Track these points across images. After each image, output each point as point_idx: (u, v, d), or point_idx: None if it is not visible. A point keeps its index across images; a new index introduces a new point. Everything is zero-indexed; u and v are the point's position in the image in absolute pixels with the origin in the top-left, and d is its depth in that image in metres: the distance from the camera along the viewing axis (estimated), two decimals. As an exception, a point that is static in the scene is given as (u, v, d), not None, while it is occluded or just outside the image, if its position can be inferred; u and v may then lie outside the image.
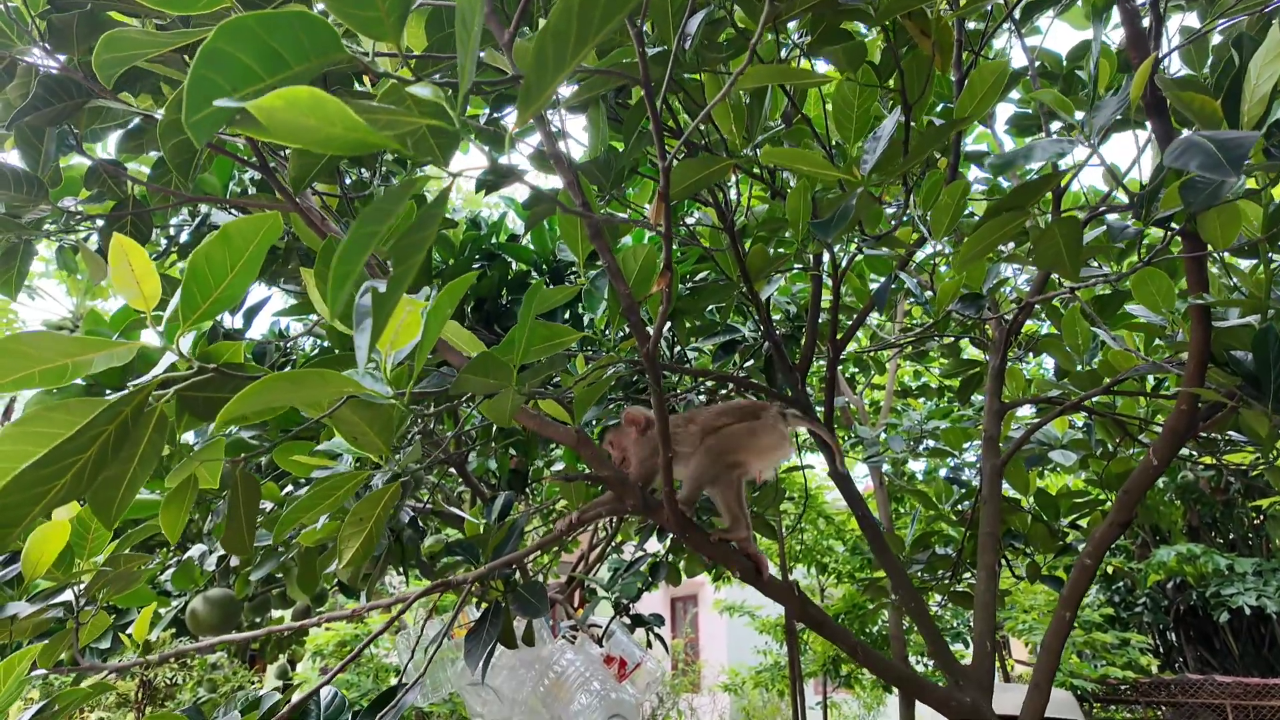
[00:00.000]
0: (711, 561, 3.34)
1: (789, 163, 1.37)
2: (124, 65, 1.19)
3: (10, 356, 0.94)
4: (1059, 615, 1.99)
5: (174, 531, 1.31)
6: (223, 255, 0.97)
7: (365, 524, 1.38)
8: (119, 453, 1.00)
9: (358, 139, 0.77)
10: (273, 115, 0.72)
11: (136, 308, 1.00)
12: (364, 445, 1.27)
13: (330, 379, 1.01)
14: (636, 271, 1.48)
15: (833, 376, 2.26)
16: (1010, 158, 1.28)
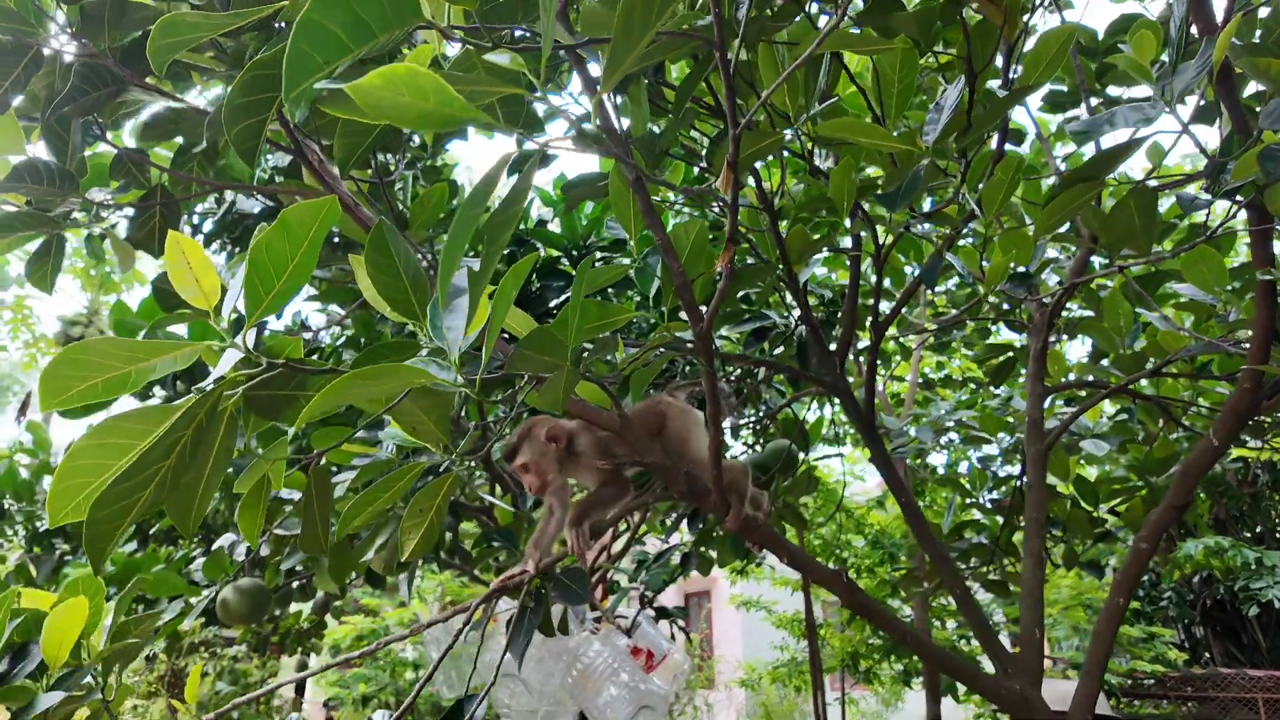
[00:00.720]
0: (759, 549, 3.31)
1: (849, 134, 1.32)
2: (178, 50, 1.16)
3: (75, 367, 0.91)
4: (1112, 601, 1.94)
5: (253, 535, 1.29)
6: (282, 245, 0.94)
7: (425, 515, 1.35)
8: (195, 458, 0.98)
9: (450, 113, 0.75)
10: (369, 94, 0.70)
11: (196, 305, 0.96)
12: (422, 435, 1.24)
13: (403, 372, 0.98)
14: (689, 248, 1.44)
15: (874, 361, 2.21)
16: (1091, 124, 1.23)
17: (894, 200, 1.29)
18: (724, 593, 13.35)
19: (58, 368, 0.89)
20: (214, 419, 0.97)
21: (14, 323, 12.16)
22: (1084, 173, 1.28)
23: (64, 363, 0.89)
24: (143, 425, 0.94)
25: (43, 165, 1.90)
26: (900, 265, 2.68)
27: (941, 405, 4.34)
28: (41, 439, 3.69)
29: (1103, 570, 3.14)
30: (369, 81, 0.74)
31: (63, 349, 0.90)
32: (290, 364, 1.02)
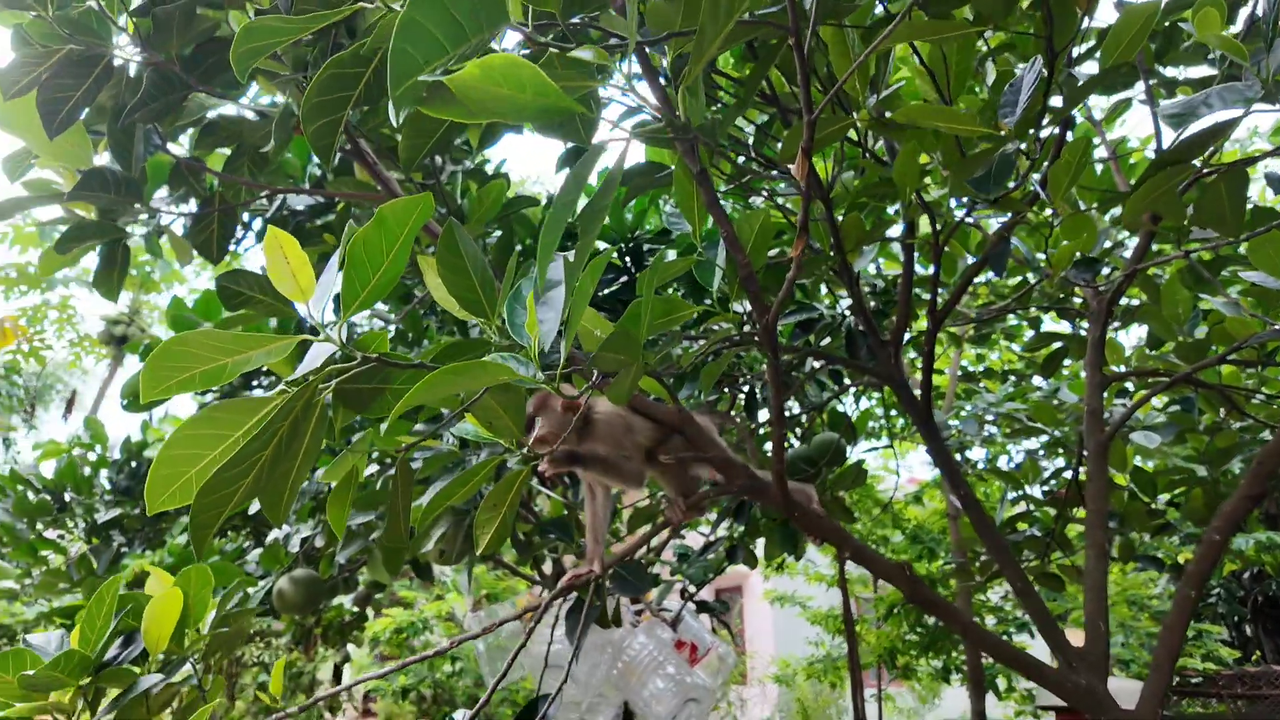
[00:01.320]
0: (787, 541, 3.29)
1: (924, 119, 1.30)
2: (261, 55, 1.18)
3: (174, 358, 0.93)
4: (1183, 593, 1.90)
5: (340, 525, 1.31)
6: (379, 239, 0.95)
7: (499, 510, 1.36)
8: (289, 448, 1.01)
9: (547, 104, 0.75)
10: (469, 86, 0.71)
11: (294, 299, 0.98)
12: (499, 430, 1.25)
13: (490, 369, 0.99)
14: (753, 239, 1.43)
15: (930, 350, 2.18)
16: (1187, 106, 1.19)
17: (986, 184, 1.26)
18: (755, 589, 13.29)
19: (160, 359, 0.91)
20: (308, 411, 0.99)
21: (59, 322, 12.48)
22: (1173, 156, 1.24)
23: (166, 354, 0.91)
24: (237, 416, 0.96)
25: (109, 173, 1.94)
26: (959, 254, 2.64)
27: (987, 397, 4.27)
28: (99, 434, 3.79)
29: (1162, 564, 3.07)
30: (469, 73, 0.75)
31: (164, 341, 0.92)
32: (383, 359, 1.03)
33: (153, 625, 1.39)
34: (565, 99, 0.76)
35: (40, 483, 3.60)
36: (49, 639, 1.51)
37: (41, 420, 16.62)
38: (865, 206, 2.08)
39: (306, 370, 0.97)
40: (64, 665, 1.31)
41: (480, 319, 1.17)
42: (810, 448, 3.06)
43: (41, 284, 11.91)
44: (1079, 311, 2.91)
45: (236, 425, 0.96)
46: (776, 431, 1.53)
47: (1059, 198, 1.64)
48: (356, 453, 1.28)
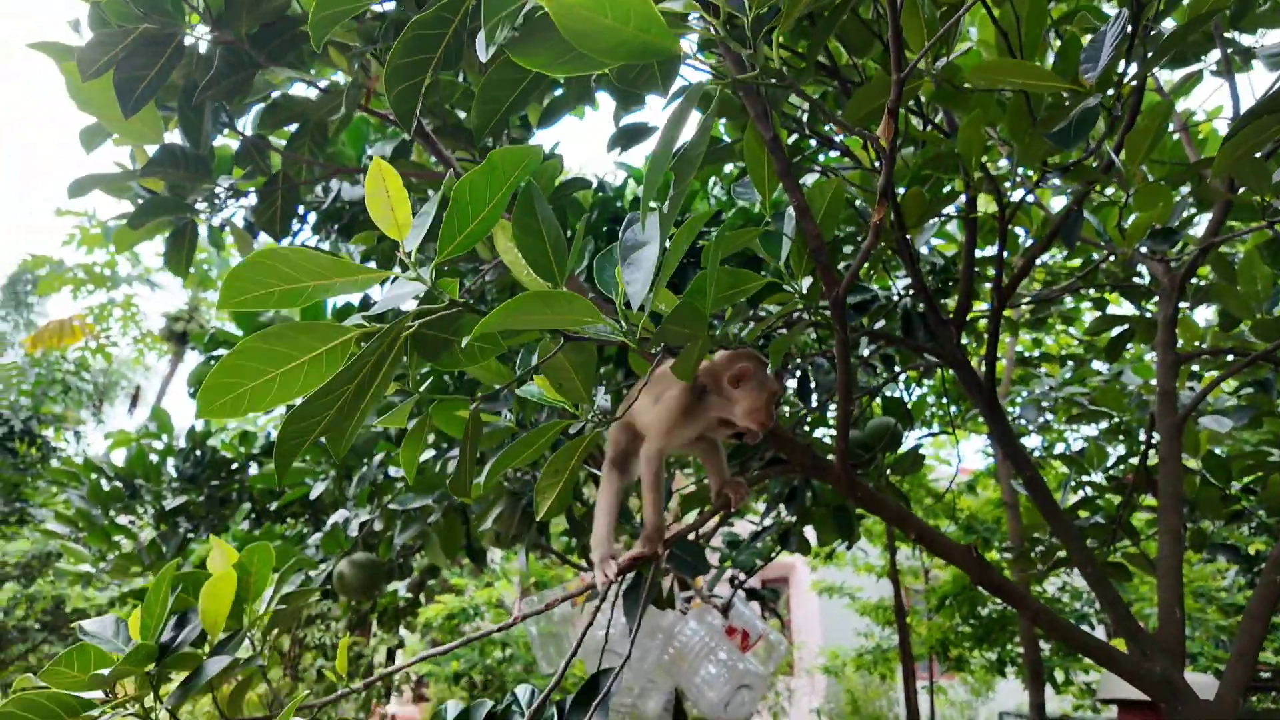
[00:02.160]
0: (843, 527, 3.24)
1: (1005, 77, 1.25)
2: (338, 21, 1.19)
3: (261, 271, 0.92)
4: (1268, 580, 1.82)
5: (411, 468, 1.32)
6: (485, 184, 0.94)
7: (561, 475, 1.36)
8: (370, 386, 1.00)
9: (648, 40, 0.73)
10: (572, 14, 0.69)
11: (390, 235, 0.97)
12: (567, 392, 1.24)
13: (578, 303, 0.97)
14: (823, 210, 1.40)
15: (994, 330, 2.12)
16: None
17: (1066, 136, 1.21)
18: (802, 579, 13.18)
19: (243, 270, 0.90)
20: (392, 350, 0.98)
21: (124, 320, 12.96)
22: (1269, 105, 1.17)
23: (251, 265, 0.90)
24: (309, 339, 0.95)
25: (179, 151, 1.99)
26: (1023, 224, 2.55)
27: (1047, 382, 4.15)
28: (166, 424, 3.93)
29: (1238, 552, 2.94)
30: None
31: (253, 253, 0.91)
32: (466, 305, 1.03)
33: (209, 605, 1.41)
34: (668, 36, 0.73)
35: (112, 471, 3.74)
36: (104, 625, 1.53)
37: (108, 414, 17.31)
38: (927, 180, 2.03)
39: (391, 307, 0.97)
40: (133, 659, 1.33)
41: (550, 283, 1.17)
42: (865, 433, 3.01)
43: (107, 283, 12.38)
44: (1145, 291, 2.79)
45: (308, 348, 0.94)
46: (842, 408, 1.50)
47: (1136, 165, 1.58)
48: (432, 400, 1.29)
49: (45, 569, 7.95)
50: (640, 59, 0.76)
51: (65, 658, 1.32)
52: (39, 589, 7.75)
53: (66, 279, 11.82)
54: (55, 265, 11.83)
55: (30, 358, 11.56)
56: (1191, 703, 1.85)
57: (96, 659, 1.34)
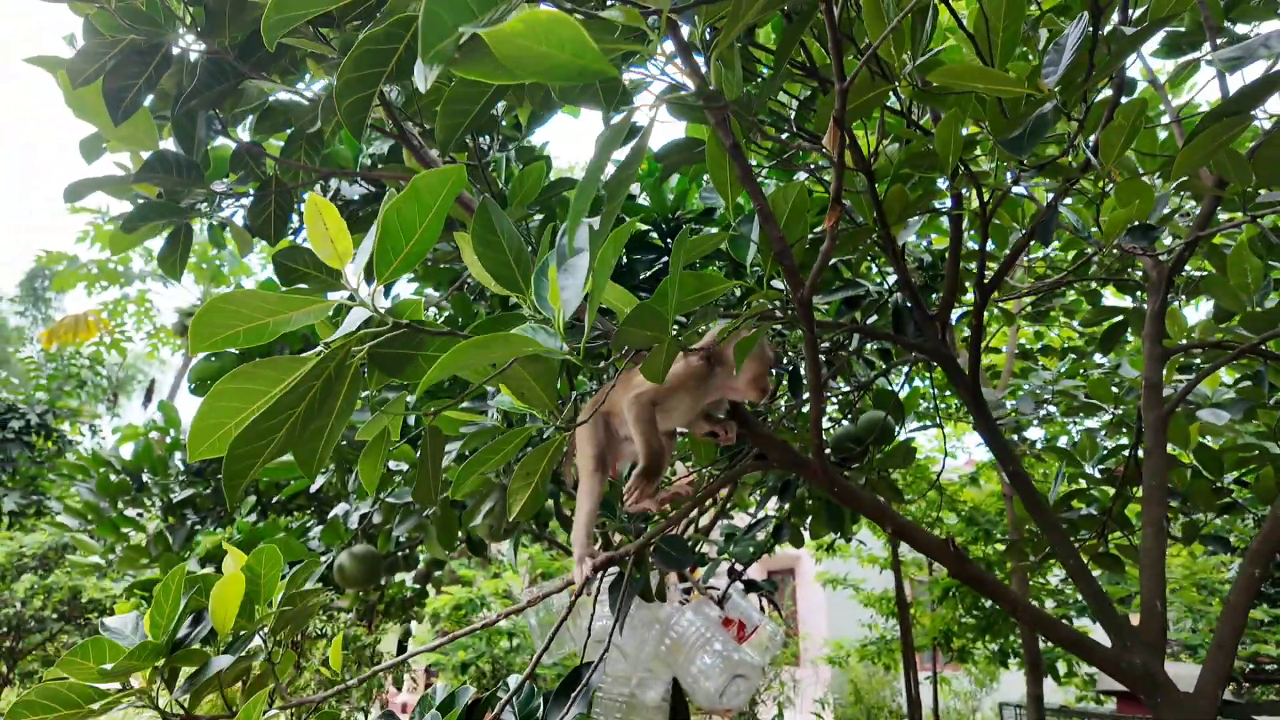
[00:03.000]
0: (834, 520, 3.27)
1: (964, 81, 1.27)
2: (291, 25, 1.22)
3: (219, 314, 0.98)
4: (1247, 573, 1.83)
5: (371, 482, 1.36)
6: (412, 210, 0.98)
7: (532, 478, 1.40)
8: (322, 407, 1.05)
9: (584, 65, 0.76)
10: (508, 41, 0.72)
11: (331, 264, 1.02)
12: (531, 401, 1.29)
13: (514, 340, 1.02)
14: (788, 213, 1.42)
15: (978, 325, 2.14)
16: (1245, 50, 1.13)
17: (1019, 144, 1.23)
18: (808, 570, 13.23)
19: (207, 315, 0.96)
20: (341, 372, 1.03)
21: (138, 315, 13.11)
22: (1228, 107, 1.19)
23: (212, 310, 0.96)
24: (276, 373, 1.00)
25: (172, 157, 2.04)
26: (1007, 224, 2.56)
27: (1042, 375, 4.15)
28: (172, 418, 4.00)
29: (1229, 545, 2.95)
30: (511, 27, 0.74)
31: (212, 299, 0.97)
32: (413, 325, 1.07)
33: (219, 606, 1.47)
34: (603, 61, 0.76)
35: (120, 464, 3.82)
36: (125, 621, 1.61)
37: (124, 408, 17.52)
38: (908, 178, 2.05)
39: (342, 334, 1.02)
40: (139, 654, 1.40)
41: (515, 293, 1.21)
42: (857, 426, 3.03)
43: (120, 279, 12.52)
44: (1138, 284, 2.80)
45: (275, 381, 1.00)
46: (814, 406, 1.53)
47: (1111, 163, 1.59)
48: (390, 414, 1.33)
49: (62, 560, 8.10)
50: (579, 81, 0.78)
51: (81, 650, 1.39)
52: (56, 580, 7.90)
53: (81, 275, 11.97)
54: (71, 261, 11.99)
55: (46, 353, 11.72)
56: (1172, 694, 1.87)
57: (111, 652, 1.40)
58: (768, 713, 10.55)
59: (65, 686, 1.36)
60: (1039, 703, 5.22)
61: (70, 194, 2.05)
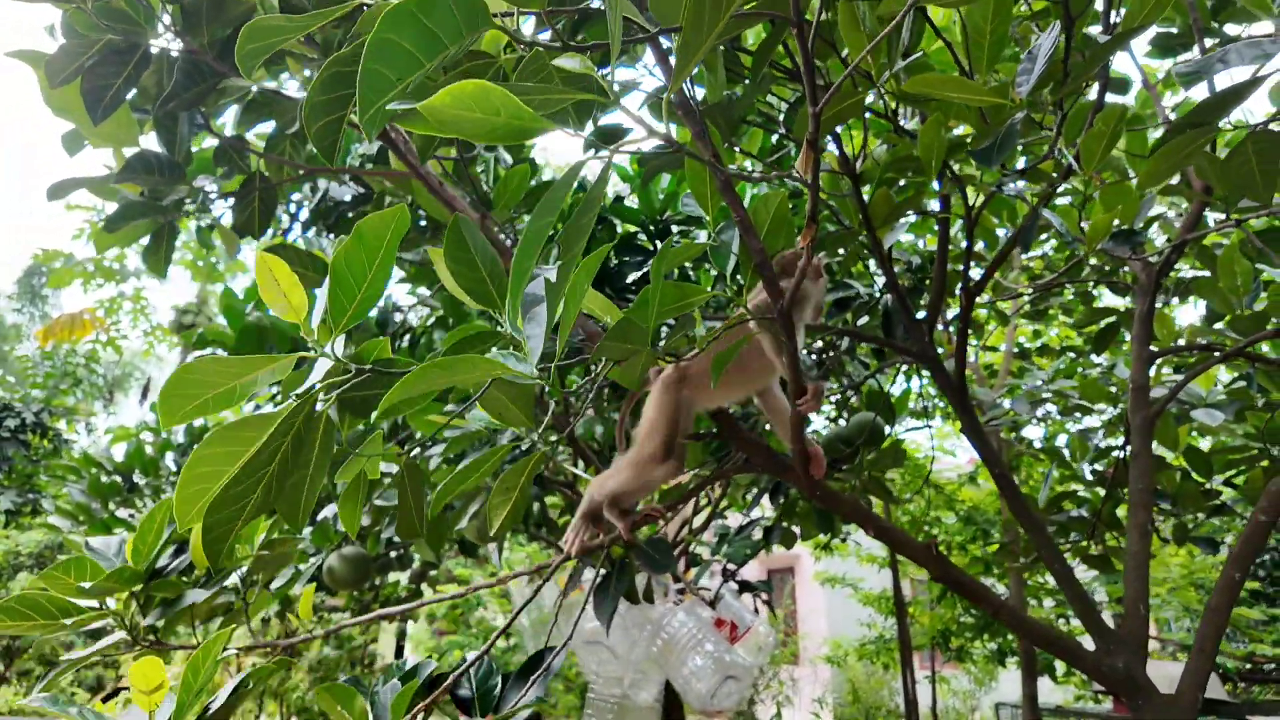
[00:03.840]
0: (825, 522, 3.27)
1: (937, 91, 1.27)
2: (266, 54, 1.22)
3: (186, 386, 0.99)
4: (1228, 575, 1.83)
5: (353, 525, 1.37)
6: (360, 255, 0.98)
7: (511, 492, 1.40)
8: (297, 459, 1.05)
9: (521, 125, 0.77)
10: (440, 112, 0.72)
11: (287, 319, 1.02)
12: (509, 420, 1.29)
13: (479, 363, 1.01)
14: (768, 224, 1.42)
15: (964, 328, 2.13)
16: (1203, 64, 1.13)
17: (989, 156, 1.23)
18: (808, 569, 13.23)
19: (172, 389, 0.97)
20: (311, 423, 1.03)
21: (134, 313, 13.10)
22: (1194, 118, 1.18)
23: (177, 383, 0.97)
24: (250, 432, 1.00)
25: (153, 157, 2.03)
26: (993, 227, 2.56)
27: (1038, 375, 4.14)
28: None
29: (1217, 546, 2.95)
30: (439, 100, 0.76)
31: (175, 371, 0.97)
32: (375, 368, 1.07)
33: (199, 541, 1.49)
34: (538, 120, 0.77)
35: (111, 465, 3.82)
36: (109, 544, 1.65)
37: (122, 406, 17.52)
38: (893, 182, 2.04)
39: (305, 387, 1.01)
40: (118, 578, 1.45)
41: (491, 309, 1.20)
42: (847, 428, 3.03)
43: (117, 276, 12.52)
44: (1128, 286, 2.80)
45: (251, 441, 1.00)
46: (794, 413, 1.52)
47: (1091, 168, 1.58)
48: (365, 455, 1.33)
49: (57, 559, 8.11)
50: (517, 139, 0.79)
51: (63, 566, 1.44)
52: (52, 579, 7.90)
53: (77, 272, 11.97)
54: (67, 259, 11.99)
55: (42, 351, 11.72)
56: (1152, 696, 1.87)
57: (92, 572, 1.45)
58: (766, 712, 10.56)
59: (45, 598, 1.39)
60: (1034, 703, 5.23)
61: (53, 193, 2.05)
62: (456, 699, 1.44)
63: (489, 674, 1.47)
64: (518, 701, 1.39)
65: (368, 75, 0.78)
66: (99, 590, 1.44)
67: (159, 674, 1.12)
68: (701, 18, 0.80)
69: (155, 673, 1.12)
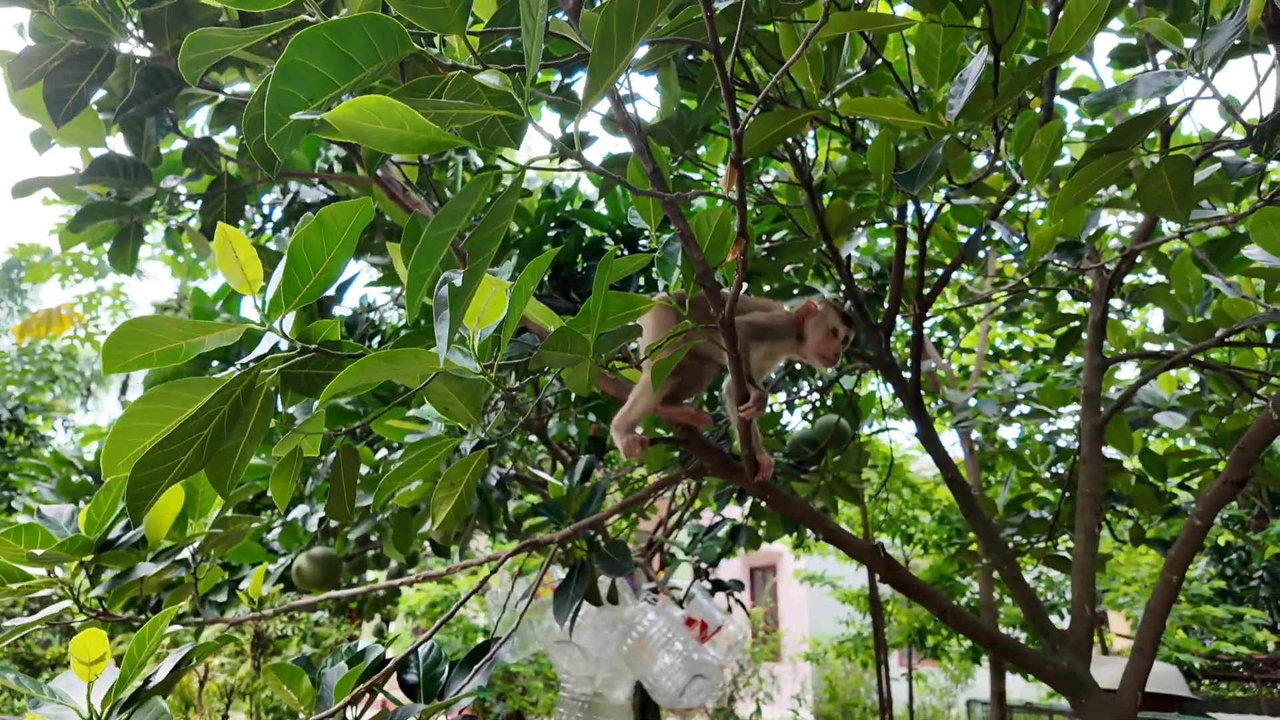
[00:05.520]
0: (791, 522, 3.32)
1: (870, 112, 1.31)
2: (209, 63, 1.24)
3: (131, 338, 1.01)
4: (1165, 578, 1.89)
5: (283, 499, 1.38)
6: (319, 240, 1.01)
7: (456, 488, 1.43)
8: (232, 428, 1.07)
9: (428, 139, 0.79)
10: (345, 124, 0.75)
11: (241, 291, 1.05)
12: (454, 415, 1.31)
13: (422, 357, 1.04)
14: (710, 236, 1.46)
15: (919, 335, 2.18)
16: (1109, 95, 1.18)
17: (912, 179, 1.27)
18: (789, 567, 13.32)
19: (119, 338, 0.99)
20: (251, 395, 1.05)
21: (113, 309, 12.97)
22: (1110, 143, 1.23)
23: (124, 334, 0.99)
24: (191, 394, 1.02)
25: (118, 159, 2.04)
26: (945, 238, 2.61)
27: (1006, 378, 4.21)
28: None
29: (1169, 547, 3.02)
30: (343, 111, 0.78)
31: (124, 323, 0.99)
32: (320, 349, 1.10)
33: (154, 515, 1.51)
34: (444, 135, 0.80)
35: (82, 464, 3.81)
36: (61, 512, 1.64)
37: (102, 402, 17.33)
38: (851, 193, 2.09)
39: (250, 359, 1.04)
40: (69, 546, 1.45)
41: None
42: (813, 430, 3.08)
43: (95, 272, 12.39)
44: (1088, 292, 2.86)
45: (189, 403, 1.02)
46: (741, 420, 1.56)
47: (1034, 181, 1.63)
48: (303, 433, 1.35)
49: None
50: (428, 150, 0.82)
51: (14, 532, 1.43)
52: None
53: (55, 268, 11.83)
54: (44, 254, 11.85)
55: (18, 347, 11.58)
56: (1095, 695, 1.93)
57: (43, 539, 1.45)
58: (747, 709, 10.64)
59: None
60: (1001, 700, 5.31)
61: (18, 191, 2.06)
62: (403, 684, 1.47)
63: (437, 661, 1.51)
64: (461, 689, 1.42)
65: (276, 96, 0.81)
66: (49, 558, 1.44)
67: (101, 645, 1.14)
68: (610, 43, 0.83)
69: (97, 644, 1.14)
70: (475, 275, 0.94)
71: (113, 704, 1.21)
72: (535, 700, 8.55)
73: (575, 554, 2.17)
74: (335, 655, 1.66)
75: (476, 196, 0.88)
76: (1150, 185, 1.23)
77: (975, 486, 5.84)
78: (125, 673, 1.18)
